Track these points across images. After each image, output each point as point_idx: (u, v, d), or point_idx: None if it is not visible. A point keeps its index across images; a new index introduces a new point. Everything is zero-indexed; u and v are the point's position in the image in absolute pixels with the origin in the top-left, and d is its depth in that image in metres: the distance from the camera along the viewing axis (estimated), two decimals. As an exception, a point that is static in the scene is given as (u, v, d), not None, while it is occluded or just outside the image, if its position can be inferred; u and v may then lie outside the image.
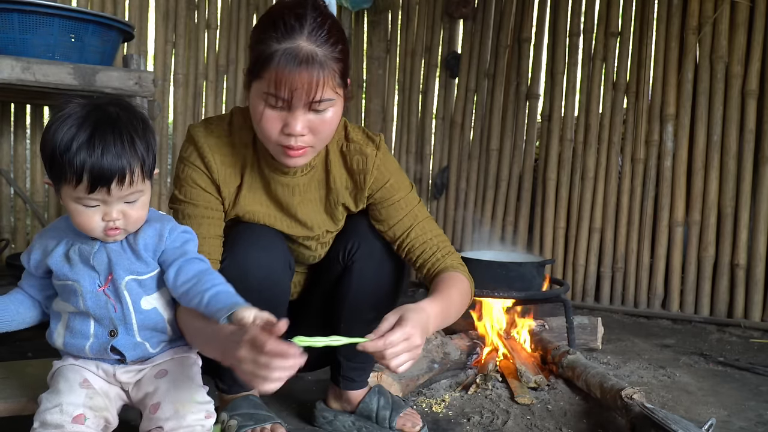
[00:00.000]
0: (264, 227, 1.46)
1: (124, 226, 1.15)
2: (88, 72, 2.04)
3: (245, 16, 3.47)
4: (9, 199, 2.90)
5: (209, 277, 1.18)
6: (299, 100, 1.21)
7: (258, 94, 1.25)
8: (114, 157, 1.08)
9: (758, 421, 1.82)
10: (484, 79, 3.61)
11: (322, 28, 1.22)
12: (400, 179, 1.51)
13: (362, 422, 1.63)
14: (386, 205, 1.50)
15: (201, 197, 1.39)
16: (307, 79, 1.19)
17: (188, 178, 1.39)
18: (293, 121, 1.23)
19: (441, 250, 1.49)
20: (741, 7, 2.98)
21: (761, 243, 2.97)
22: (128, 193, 1.12)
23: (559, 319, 2.32)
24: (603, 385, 1.77)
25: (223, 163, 1.39)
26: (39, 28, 2.00)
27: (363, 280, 1.53)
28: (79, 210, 1.12)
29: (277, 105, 1.23)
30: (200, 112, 3.40)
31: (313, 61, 1.19)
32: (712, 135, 3.08)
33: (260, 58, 1.21)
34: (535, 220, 3.47)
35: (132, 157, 1.10)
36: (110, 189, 1.09)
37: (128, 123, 1.13)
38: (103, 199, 1.11)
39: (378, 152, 1.47)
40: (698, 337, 2.80)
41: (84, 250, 1.19)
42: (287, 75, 1.18)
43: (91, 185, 1.08)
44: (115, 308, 1.19)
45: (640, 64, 3.22)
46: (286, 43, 1.19)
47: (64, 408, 1.13)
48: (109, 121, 1.11)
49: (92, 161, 1.07)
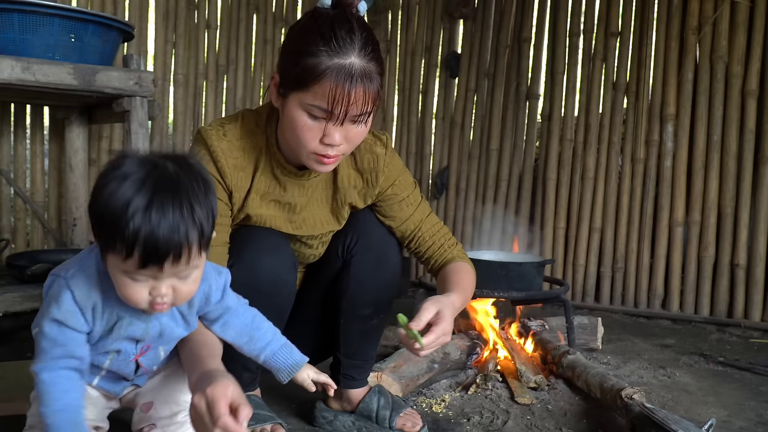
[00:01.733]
0: (268, 230, 1.46)
1: (172, 302, 1.02)
2: (88, 72, 2.04)
3: (245, 16, 3.47)
4: (9, 199, 2.90)
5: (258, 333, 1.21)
6: (350, 115, 1.23)
7: (300, 104, 1.25)
8: (172, 230, 0.93)
9: (758, 421, 1.82)
10: (484, 79, 3.61)
11: (369, 44, 1.24)
12: (406, 177, 1.55)
13: (362, 422, 1.63)
14: (395, 202, 1.54)
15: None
16: (362, 96, 1.22)
17: None
18: (336, 133, 1.25)
19: (446, 243, 1.57)
20: (741, 7, 2.98)
21: (761, 243, 2.97)
22: (182, 269, 0.99)
23: (559, 319, 2.32)
24: (603, 385, 1.77)
25: (236, 167, 1.38)
26: (39, 28, 2.00)
27: (362, 275, 1.54)
28: (126, 282, 0.98)
29: (320, 116, 1.24)
30: (200, 112, 3.40)
31: (366, 79, 1.22)
32: (712, 135, 3.08)
33: (310, 71, 1.21)
34: (535, 220, 3.47)
35: (191, 230, 0.95)
36: (163, 267, 0.96)
37: (188, 185, 0.97)
38: (154, 275, 0.98)
39: (387, 151, 1.49)
40: (698, 337, 2.80)
41: (136, 327, 1.08)
42: (343, 92, 1.20)
43: (143, 261, 0.94)
44: (137, 369, 1.15)
45: (640, 64, 3.22)
46: (339, 59, 1.20)
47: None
48: (169, 184, 0.95)
49: (147, 234, 0.92)
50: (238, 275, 1.36)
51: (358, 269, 1.54)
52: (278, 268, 1.44)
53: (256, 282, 1.39)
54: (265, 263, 1.41)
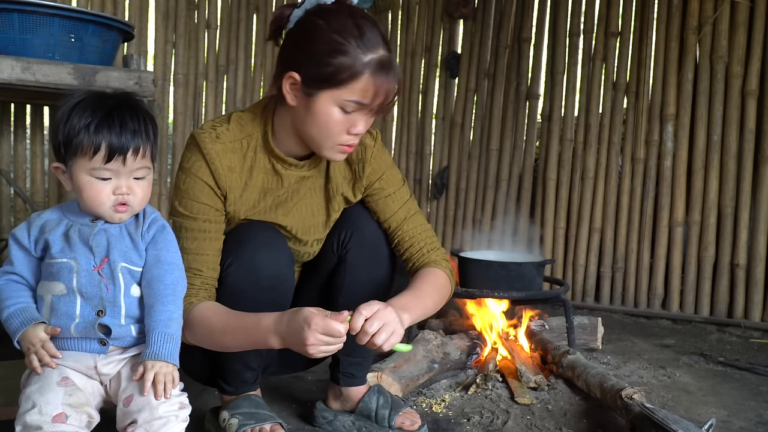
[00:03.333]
0: (264, 225, 1.47)
1: (131, 203, 1.21)
2: (88, 72, 2.05)
3: (245, 16, 3.47)
4: (9, 199, 2.90)
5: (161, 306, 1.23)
6: (383, 105, 1.29)
7: (334, 100, 1.28)
8: (130, 131, 1.18)
9: (758, 421, 1.82)
10: (484, 79, 3.61)
11: (384, 34, 1.30)
12: (393, 172, 1.57)
13: (362, 422, 1.63)
14: (381, 197, 1.55)
15: (203, 212, 1.39)
16: (393, 86, 1.29)
17: (189, 190, 1.39)
18: (362, 124, 1.32)
19: (427, 245, 1.54)
20: (741, 7, 2.98)
21: (761, 243, 2.97)
22: (139, 167, 1.20)
23: (559, 319, 2.32)
24: (603, 385, 1.77)
25: (230, 168, 1.40)
26: (39, 28, 2.00)
27: (357, 270, 1.55)
28: (91, 182, 1.18)
29: (353, 110, 1.29)
30: (200, 112, 3.40)
31: (394, 70, 1.28)
32: (712, 135, 3.08)
33: (347, 68, 1.25)
34: (535, 220, 3.48)
35: (145, 135, 1.20)
36: (126, 159, 1.17)
37: (138, 108, 1.23)
38: (117, 170, 1.18)
39: (375, 144, 1.52)
40: (698, 337, 2.80)
41: (84, 230, 1.22)
42: (382, 84, 1.26)
43: (109, 154, 1.16)
44: (107, 288, 1.20)
45: (640, 64, 3.22)
46: (373, 54, 1.26)
47: (42, 408, 1.13)
48: (124, 104, 1.21)
49: (114, 133, 1.16)
50: (239, 271, 1.40)
51: (353, 264, 1.55)
52: (277, 263, 1.45)
53: (256, 278, 1.40)
54: (264, 259, 1.42)
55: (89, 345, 1.23)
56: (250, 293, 1.39)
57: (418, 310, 1.38)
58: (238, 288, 1.41)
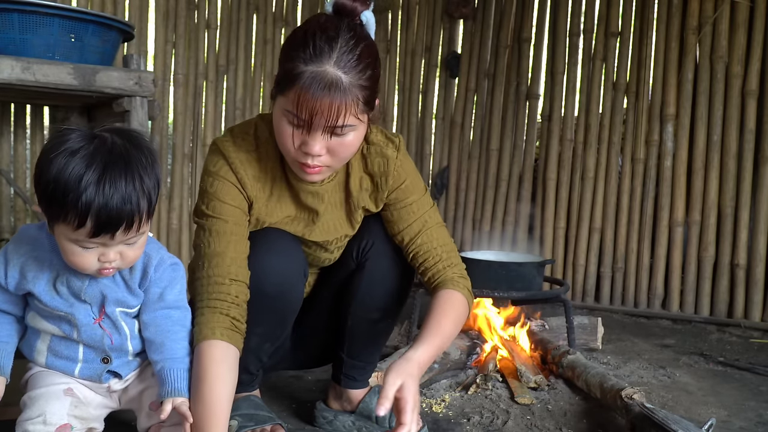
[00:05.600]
0: (280, 232, 1.44)
1: (119, 266, 1.11)
2: (88, 72, 2.04)
3: (245, 16, 3.47)
4: (9, 199, 2.90)
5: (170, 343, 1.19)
6: (318, 124, 1.21)
7: (280, 109, 1.24)
8: (124, 201, 1.00)
9: (758, 421, 1.82)
10: (484, 79, 3.61)
11: (352, 53, 1.20)
12: (415, 181, 1.50)
13: (362, 422, 1.62)
14: (399, 207, 1.48)
15: (231, 213, 1.35)
16: (328, 105, 1.18)
17: (218, 192, 1.35)
18: (312, 142, 1.23)
19: (443, 261, 1.46)
20: (741, 7, 2.98)
21: (761, 243, 2.97)
22: (131, 237, 1.06)
23: (559, 319, 2.32)
24: (603, 385, 1.77)
25: (254, 177, 1.38)
26: (39, 28, 1.99)
27: (373, 279, 1.53)
28: (74, 251, 1.05)
29: (298, 124, 1.22)
30: (200, 112, 3.40)
31: (336, 88, 1.18)
32: (712, 135, 3.08)
33: (286, 76, 1.21)
34: (535, 220, 3.48)
35: (141, 199, 1.03)
36: (114, 235, 1.03)
37: (138, 159, 1.04)
38: (104, 242, 1.04)
39: (398, 154, 1.46)
40: (698, 337, 2.80)
41: (74, 283, 1.13)
42: (309, 99, 1.18)
43: (95, 231, 1.00)
44: (112, 340, 1.17)
45: (640, 64, 3.22)
46: (313, 66, 1.18)
47: (48, 418, 1.10)
48: (119, 159, 1.02)
49: (99, 206, 0.98)
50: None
51: (370, 272, 1.52)
52: (286, 272, 1.41)
53: (262, 284, 1.37)
54: (273, 264, 1.39)
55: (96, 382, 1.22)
56: (254, 299, 1.35)
57: (434, 357, 1.34)
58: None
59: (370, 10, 1.28)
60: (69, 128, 1.05)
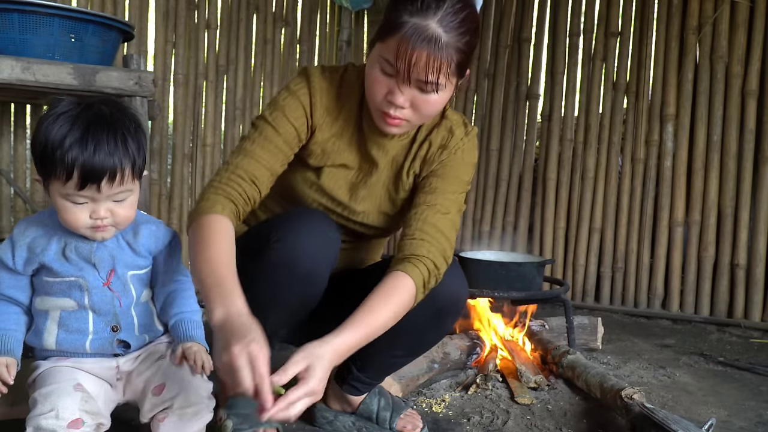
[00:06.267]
0: (321, 214, 1.42)
1: (112, 224, 1.16)
2: (88, 72, 2.04)
3: (245, 16, 3.47)
4: (9, 199, 2.90)
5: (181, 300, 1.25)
6: (410, 76, 1.24)
7: (376, 56, 1.28)
8: (106, 155, 1.09)
9: (758, 421, 1.82)
10: (484, 79, 3.61)
11: (456, 16, 1.23)
12: (464, 166, 1.45)
13: (362, 423, 1.62)
14: (430, 177, 1.44)
15: (287, 131, 1.38)
16: (425, 59, 1.21)
17: (287, 106, 1.38)
18: (398, 92, 1.27)
19: (416, 240, 1.35)
20: (741, 7, 2.98)
21: (761, 243, 2.98)
22: (117, 192, 1.13)
23: (559, 319, 2.32)
24: (603, 385, 1.77)
25: (327, 109, 1.41)
26: (39, 28, 1.99)
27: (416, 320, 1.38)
28: (66, 206, 1.12)
29: (390, 72, 1.26)
30: (200, 112, 3.40)
31: (435, 44, 1.21)
32: (712, 135, 3.08)
33: (389, 24, 1.24)
34: (535, 220, 3.48)
35: (123, 156, 1.11)
36: (100, 186, 1.10)
37: (121, 122, 1.13)
38: (92, 196, 1.11)
39: (465, 137, 1.46)
40: (698, 337, 2.80)
41: (82, 248, 1.18)
42: (408, 49, 1.21)
43: (82, 182, 1.08)
44: (120, 303, 1.20)
45: (640, 64, 3.22)
46: (417, 19, 1.21)
47: (60, 413, 1.11)
48: (102, 119, 1.11)
49: (84, 158, 1.07)
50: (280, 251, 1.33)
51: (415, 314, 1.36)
52: (320, 257, 1.36)
53: (294, 265, 1.33)
54: (312, 247, 1.34)
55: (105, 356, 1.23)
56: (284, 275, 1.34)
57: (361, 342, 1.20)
58: (276, 266, 1.34)
59: None
60: (60, 97, 1.14)
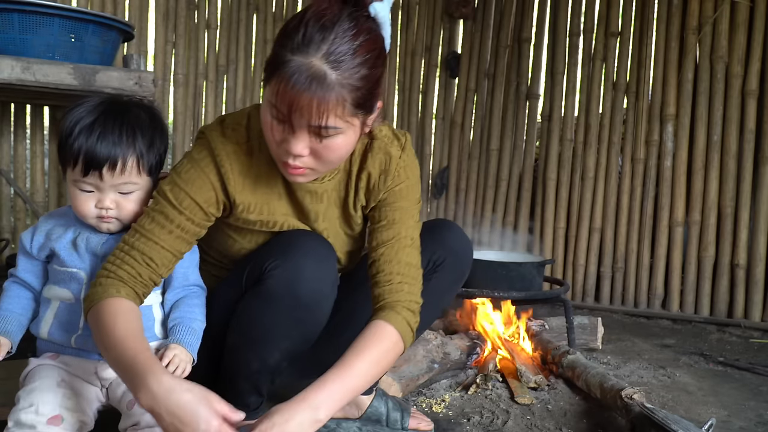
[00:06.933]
0: (316, 236, 1.34)
1: (117, 216, 1.18)
2: (88, 72, 2.04)
3: (245, 16, 3.47)
4: (9, 199, 2.90)
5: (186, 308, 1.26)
6: (299, 122, 1.08)
7: (266, 99, 1.12)
8: (110, 144, 1.12)
9: (758, 421, 1.82)
10: (484, 79, 3.61)
11: (347, 47, 1.06)
12: (412, 188, 1.37)
13: (370, 427, 1.59)
14: (383, 207, 1.35)
15: (189, 208, 1.22)
16: (308, 102, 1.05)
17: (189, 181, 1.22)
18: (293, 140, 1.11)
19: (395, 284, 1.28)
20: (741, 7, 2.98)
21: (761, 243, 2.97)
22: (121, 183, 1.16)
23: (559, 319, 2.32)
24: (603, 385, 1.77)
25: (242, 173, 1.25)
26: (39, 28, 1.99)
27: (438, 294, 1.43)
28: (75, 194, 1.16)
29: (280, 118, 1.10)
30: (200, 112, 3.40)
31: (319, 84, 1.04)
32: (712, 135, 3.08)
33: (271, 63, 1.09)
34: (535, 220, 3.48)
35: (128, 148, 1.14)
36: (102, 174, 1.13)
37: (136, 117, 1.16)
38: (96, 184, 1.15)
39: (403, 153, 1.35)
40: (698, 337, 2.80)
41: (92, 240, 1.21)
42: (289, 92, 1.05)
43: (84, 168, 1.12)
44: None
45: (640, 64, 3.22)
46: (299, 56, 1.05)
47: (40, 408, 1.12)
48: (116, 111, 1.14)
49: (88, 145, 1.11)
50: (281, 277, 1.26)
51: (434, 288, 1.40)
52: (322, 279, 1.29)
53: (297, 289, 1.26)
54: (312, 271, 1.27)
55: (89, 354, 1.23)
56: (286, 303, 1.26)
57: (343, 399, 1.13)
58: (277, 294, 1.26)
59: (384, 3, 1.13)
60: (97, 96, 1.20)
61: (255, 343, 1.31)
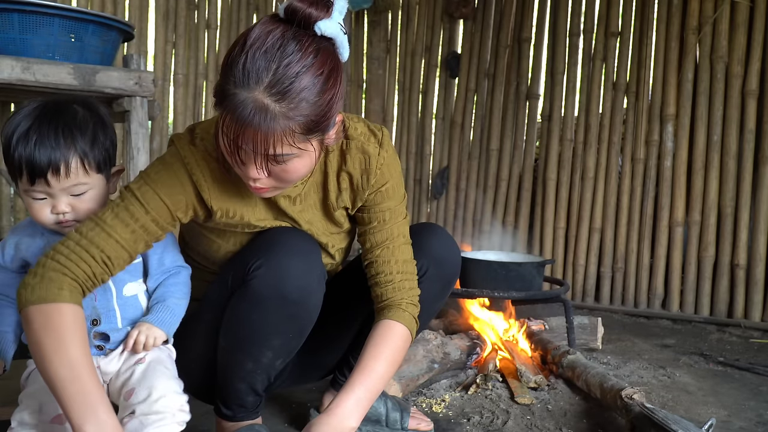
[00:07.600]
0: (300, 233, 1.33)
1: (75, 218, 1.16)
2: (88, 72, 2.04)
3: (245, 16, 3.47)
4: (9, 199, 2.90)
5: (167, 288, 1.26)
6: (247, 155, 1.06)
7: (217, 125, 1.09)
8: (47, 149, 1.08)
9: (758, 421, 1.82)
10: (484, 79, 3.61)
11: (292, 71, 1.01)
12: (397, 185, 1.37)
13: (369, 427, 1.60)
14: (371, 210, 1.35)
15: (158, 208, 1.19)
16: (253, 135, 1.02)
17: (160, 181, 1.19)
18: (246, 169, 1.09)
19: (395, 282, 1.33)
20: (741, 7, 2.98)
21: (761, 243, 2.97)
22: (70, 185, 1.12)
23: (559, 319, 2.32)
24: (603, 385, 1.77)
25: (215, 180, 1.22)
26: (39, 28, 1.99)
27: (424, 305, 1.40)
28: (30, 203, 1.14)
29: (231, 148, 1.07)
30: (200, 112, 3.40)
31: (263, 118, 1.00)
32: (712, 135, 3.08)
33: (217, 93, 1.05)
34: (535, 220, 3.48)
35: (68, 150, 1.10)
36: (48, 181, 1.10)
37: (73, 117, 1.12)
38: (46, 191, 1.12)
39: (381, 150, 1.32)
40: (698, 337, 2.80)
41: None
42: (234, 125, 1.02)
43: (30, 177, 1.09)
44: (96, 298, 1.20)
45: (640, 64, 3.22)
46: (242, 90, 1.00)
47: (44, 407, 1.12)
48: (51, 114, 1.11)
49: (27, 153, 1.08)
50: (265, 277, 1.25)
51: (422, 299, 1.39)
52: (309, 275, 1.28)
53: (284, 288, 1.25)
54: (297, 268, 1.26)
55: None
56: (273, 303, 1.26)
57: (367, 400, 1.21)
58: (262, 295, 1.26)
59: (331, 19, 1.05)
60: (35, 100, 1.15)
61: (245, 343, 1.32)
